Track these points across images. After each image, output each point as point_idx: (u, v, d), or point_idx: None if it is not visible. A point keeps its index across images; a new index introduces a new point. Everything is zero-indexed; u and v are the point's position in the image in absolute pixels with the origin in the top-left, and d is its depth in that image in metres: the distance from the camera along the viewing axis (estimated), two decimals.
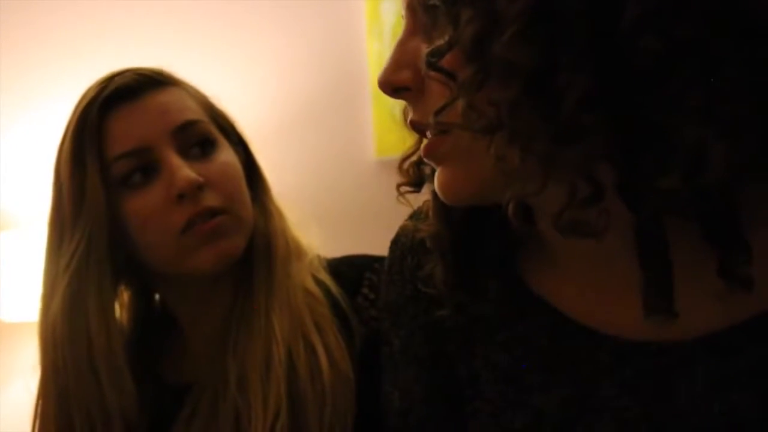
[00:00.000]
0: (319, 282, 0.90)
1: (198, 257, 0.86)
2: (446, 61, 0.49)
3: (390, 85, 0.54)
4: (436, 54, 0.49)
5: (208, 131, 0.90)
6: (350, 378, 0.83)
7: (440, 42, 0.49)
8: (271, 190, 0.97)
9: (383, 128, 2.05)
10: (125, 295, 0.98)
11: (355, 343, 0.85)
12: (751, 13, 0.43)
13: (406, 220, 0.70)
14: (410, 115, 0.56)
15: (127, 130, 0.87)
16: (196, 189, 0.84)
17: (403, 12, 0.55)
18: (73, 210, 0.88)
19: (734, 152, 0.43)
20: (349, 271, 0.93)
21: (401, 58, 0.54)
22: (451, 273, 0.61)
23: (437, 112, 0.50)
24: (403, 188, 0.61)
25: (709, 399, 0.51)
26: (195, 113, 0.90)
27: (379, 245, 0.75)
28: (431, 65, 0.50)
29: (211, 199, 0.86)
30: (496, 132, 0.46)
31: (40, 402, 0.91)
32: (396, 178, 0.62)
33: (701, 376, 0.52)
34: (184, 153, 0.88)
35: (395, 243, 0.71)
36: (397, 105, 0.59)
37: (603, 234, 0.47)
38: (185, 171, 0.85)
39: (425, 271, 0.63)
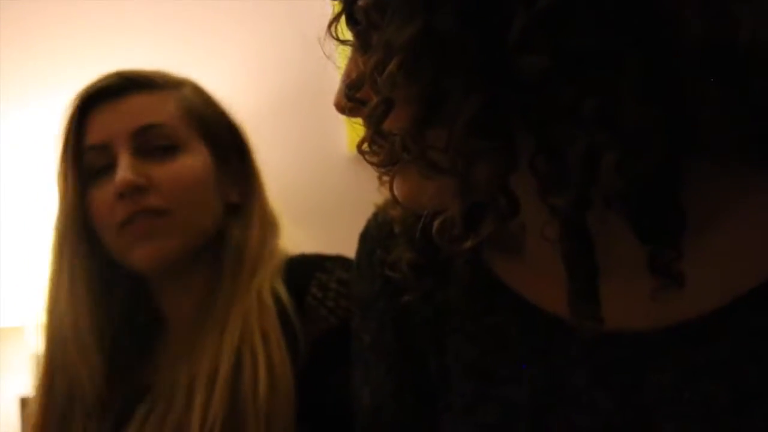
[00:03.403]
0: (272, 289, 0.91)
1: (132, 255, 0.92)
2: (365, 91, 0.50)
3: (337, 108, 0.55)
4: (354, 84, 0.50)
5: (171, 135, 0.94)
6: (291, 395, 0.84)
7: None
8: (263, 200, 1.00)
9: (355, 123, 2.04)
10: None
11: (300, 350, 0.86)
12: (644, 13, 0.42)
13: (377, 210, 0.69)
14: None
15: (98, 127, 0.94)
16: (135, 189, 0.89)
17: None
18: (59, 202, 0.95)
19: (632, 158, 0.43)
20: (300, 270, 0.93)
21: (343, 80, 0.54)
22: (419, 256, 0.60)
23: (358, 145, 0.51)
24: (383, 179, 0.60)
25: (680, 388, 0.51)
26: (162, 117, 0.93)
27: (353, 241, 0.74)
28: (347, 96, 0.51)
29: (153, 200, 0.90)
30: (398, 161, 0.48)
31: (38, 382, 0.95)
32: (368, 174, 0.61)
33: (673, 364, 0.52)
34: (145, 154, 0.92)
35: (364, 237, 0.70)
36: None
37: (521, 248, 0.48)
38: (126, 172, 0.90)
39: (392, 257, 0.63)
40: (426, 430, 0.63)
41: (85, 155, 0.94)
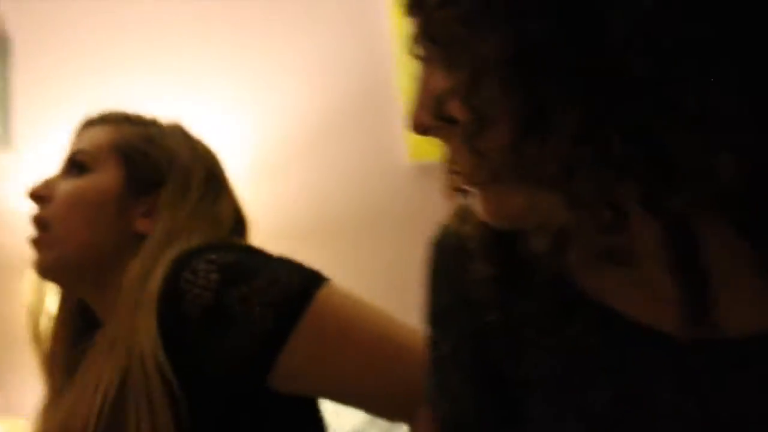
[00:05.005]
0: (155, 358, 0.88)
1: None
2: (452, 108, 0.49)
3: (417, 127, 0.54)
4: (440, 101, 0.49)
5: (87, 159, 1.03)
6: None
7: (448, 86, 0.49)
8: (168, 233, 0.98)
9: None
10: None
11: (182, 415, 0.86)
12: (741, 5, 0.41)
13: (445, 222, 0.68)
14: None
15: None
16: (35, 198, 1.02)
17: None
18: None
19: (750, 157, 0.41)
20: (178, 261, 0.91)
21: (423, 98, 0.53)
22: (498, 272, 0.60)
23: (449, 163, 0.50)
24: (450, 193, 0.60)
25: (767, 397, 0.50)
26: (89, 144, 1.05)
27: (415, 250, 0.73)
28: (435, 114, 0.50)
29: (42, 211, 1.01)
30: (501, 179, 0.47)
31: None
32: (430, 182, 0.61)
33: (759, 373, 0.50)
34: (66, 171, 1.04)
35: (437, 246, 0.69)
36: None
37: (632, 259, 0.47)
38: (35, 184, 1.03)
39: (471, 275, 0.62)
40: None
41: None
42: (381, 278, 2.03)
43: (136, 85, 2.25)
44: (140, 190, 1.02)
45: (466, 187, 0.54)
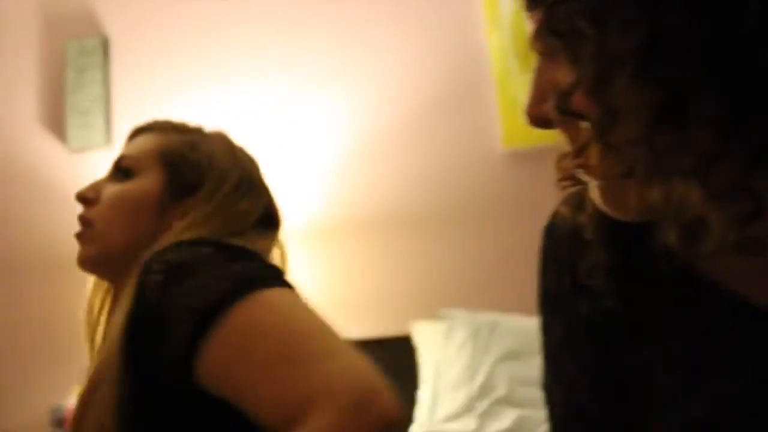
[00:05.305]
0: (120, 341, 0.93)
1: None
2: (577, 101, 0.48)
3: (535, 119, 0.54)
4: (565, 95, 0.49)
5: (132, 164, 1.11)
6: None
7: (569, 79, 0.49)
8: (166, 240, 1.02)
9: (510, 118, 2.02)
10: None
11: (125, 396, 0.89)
12: None
13: (558, 208, 0.68)
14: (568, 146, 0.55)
15: None
16: (82, 200, 1.10)
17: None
18: None
19: None
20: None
21: (541, 89, 0.53)
22: (615, 260, 0.59)
23: (574, 156, 0.50)
24: (563, 183, 0.60)
25: None
26: (135, 150, 1.13)
27: (508, 237, 0.73)
28: (560, 110, 0.50)
29: (88, 212, 1.09)
30: (635, 173, 0.46)
31: None
32: (524, 169, 0.60)
33: None
34: (113, 175, 1.12)
35: (550, 232, 0.68)
36: (524, 93, 0.58)
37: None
38: (83, 188, 1.11)
39: (587, 263, 0.62)
40: (621, 425, 0.62)
41: None
42: (474, 263, 2.02)
43: (231, 81, 2.30)
44: (180, 194, 1.09)
45: (587, 178, 0.53)
